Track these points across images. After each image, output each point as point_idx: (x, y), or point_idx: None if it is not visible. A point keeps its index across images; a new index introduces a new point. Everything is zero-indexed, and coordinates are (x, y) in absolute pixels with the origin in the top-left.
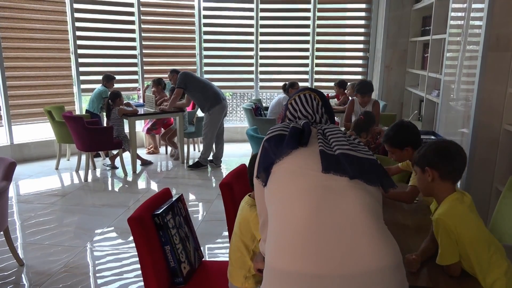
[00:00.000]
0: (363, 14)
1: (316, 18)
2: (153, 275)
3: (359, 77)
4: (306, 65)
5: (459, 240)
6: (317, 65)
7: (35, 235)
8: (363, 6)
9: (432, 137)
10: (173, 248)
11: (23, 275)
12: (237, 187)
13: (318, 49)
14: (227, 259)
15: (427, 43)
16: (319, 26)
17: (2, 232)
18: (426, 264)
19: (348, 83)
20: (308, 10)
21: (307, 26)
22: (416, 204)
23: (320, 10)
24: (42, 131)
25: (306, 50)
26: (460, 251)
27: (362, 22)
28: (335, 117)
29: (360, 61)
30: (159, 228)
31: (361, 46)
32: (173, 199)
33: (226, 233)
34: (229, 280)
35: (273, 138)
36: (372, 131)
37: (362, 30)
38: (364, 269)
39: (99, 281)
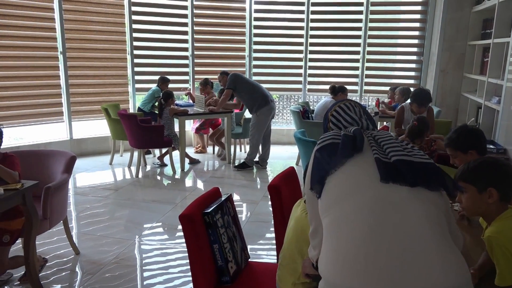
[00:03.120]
0: (418, 16)
1: (368, 20)
2: (201, 272)
3: (411, 81)
4: (356, 68)
5: None
6: (368, 68)
7: (89, 226)
8: (418, 8)
9: (491, 146)
10: (221, 247)
11: (78, 263)
12: (285, 190)
13: (369, 52)
14: (270, 260)
15: (488, 46)
16: (371, 28)
17: (61, 221)
18: (484, 280)
19: (397, 88)
20: (360, 12)
21: (359, 28)
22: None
23: (373, 12)
24: (98, 127)
25: (357, 53)
26: None
27: (417, 24)
28: (385, 122)
29: (413, 65)
30: (208, 227)
31: (415, 49)
32: (222, 198)
33: (270, 235)
34: (277, 284)
35: (325, 147)
36: (426, 137)
37: (416, 33)
38: None
39: (145, 274)
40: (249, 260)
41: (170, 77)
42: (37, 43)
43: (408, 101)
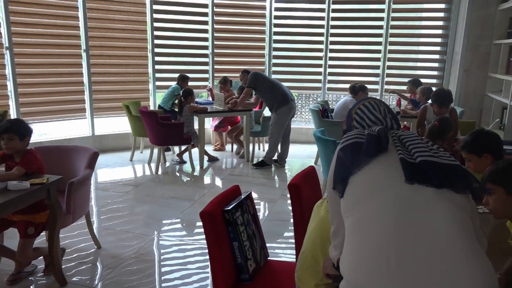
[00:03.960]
0: (441, 14)
1: (390, 19)
2: (220, 269)
3: (433, 80)
4: (377, 67)
5: None
6: (389, 67)
7: (109, 221)
8: (442, 6)
9: None
10: (240, 245)
11: (99, 258)
12: (305, 189)
13: (391, 51)
14: (288, 259)
15: None
16: (393, 27)
17: (83, 216)
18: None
19: (418, 87)
20: (382, 10)
21: (380, 27)
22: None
23: (395, 10)
24: (119, 124)
25: (378, 52)
26: None
27: (440, 23)
28: (405, 122)
29: (435, 64)
30: (228, 224)
31: (437, 48)
32: (242, 196)
33: (288, 234)
34: (296, 285)
35: (348, 146)
36: (448, 138)
37: (439, 31)
38: None
39: (163, 269)
40: (268, 258)
41: (190, 75)
42: (62, 41)
43: (430, 101)
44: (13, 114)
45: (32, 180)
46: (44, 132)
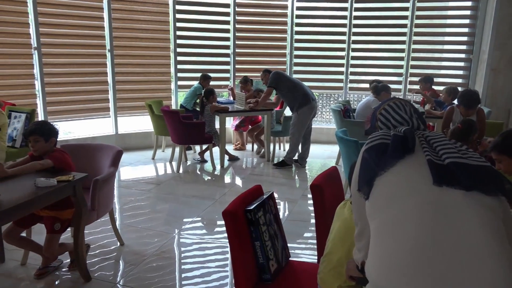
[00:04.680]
0: (467, 12)
1: (414, 17)
2: (242, 269)
3: (459, 80)
4: (400, 66)
5: None
6: (413, 66)
7: (132, 218)
8: (468, 4)
9: None
10: (262, 245)
11: (122, 254)
12: (327, 189)
13: (415, 50)
14: (308, 260)
15: None
16: (417, 25)
17: (107, 213)
18: None
19: (444, 87)
20: (406, 9)
21: (404, 25)
22: None
23: (420, 8)
24: (142, 123)
25: (401, 51)
26: None
27: (467, 21)
28: (430, 123)
29: (461, 63)
30: (250, 224)
31: (463, 47)
32: (264, 196)
33: (308, 234)
34: (319, 286)
35: (373, 148)
36: (472, 140)
37: (465, 30)
38: None
39: (184, 267)
40: (289, 259)
41: (211, 75)
42: (87, 42)
43: (456, 102)
44: (40, 113)
45: (59, 178)
46: (69, 130)
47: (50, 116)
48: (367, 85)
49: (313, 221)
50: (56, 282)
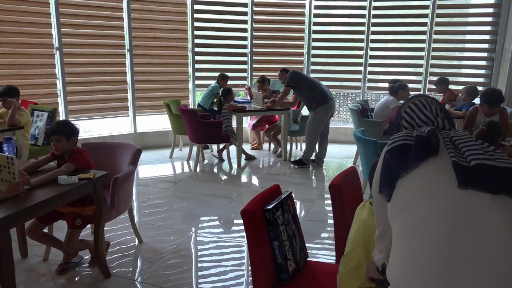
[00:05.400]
0: (490, 10)
1: (435, 15)
2: (260, 268)
3: (480, 79)
4: (419, 65)
5: None
6: (433, 66)
7: (149, 216)
8: (491, 1)
9: None
10: (281, 244)
11: (140, 252)
12: (346, 190)
13: (435, 49)
14: (325, 260)
15: None
16: (438, 24)
17: (126, 211)
18: None
19: (463, 87)
20: (426, 7)
21: (424, 24)
22: None
23: (440, 6)
24: (159, 122)
25: (421, 49)
26: None
27: (489, 19)
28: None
29: (483, 62)
30: (268, 223)
31: (485, 45)
32: (283, 196)
33: (325, 235)
34: (338, 287)
35: (396, 148)
36: (496, 142)
37: (488, 28)
38: None
39: (200, 265)
40: (307, 259)
41: (229, 74)
42: (107, 41)
43: (477, 101)
44: (61, 112)
45: (80, 175)
46: (88, 129)
47: (70, 115)
48: (385, 85)
49: (330, 221)
50: (77, 278)
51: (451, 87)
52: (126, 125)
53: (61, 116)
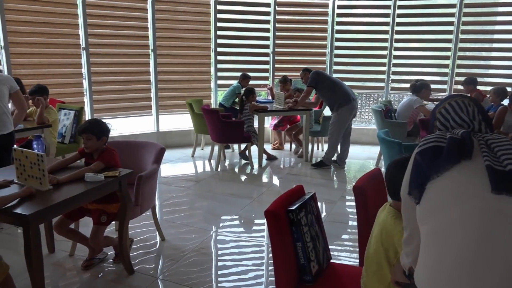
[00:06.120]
0: None
1: (462, 14)
2: (283, 269)
3: (508, 80)
4: (445, 65)
5: None
6: (459, 66)
7: (171, 214)
8: None
9: None
10: (304, 245)
11: (162, 249)
12: (370, 191)
13: (461, 49)
14: (347, 262)
15: None
16: (465, 23)
17: (150, 209)
18: None
19: (491, 88)
20: (453, 6)
21: (451, 23)
22: None
23: (467, 5)
24: (182, 121)
25: (447, 49)
26: None
27: None
28: None
29: (511, 63)
30: (292, 224)
31: None
32: (306, 196)
33: (346, 236)
34: None
35: (427, 150)
36: None
37: None
38: None
39: (220, 263)
40: (330, 261)
41: (251, 74)
42: (131, 42)
43: (506, 102)
44: (87, 111)
45: (106, 173)
46: (112, 127)
47: (96, 113)
48: (408, 85)
49: (351, 223)
50: (101, 274)
51: (478, 87)
52: (149, 124)
53: (87, 115)
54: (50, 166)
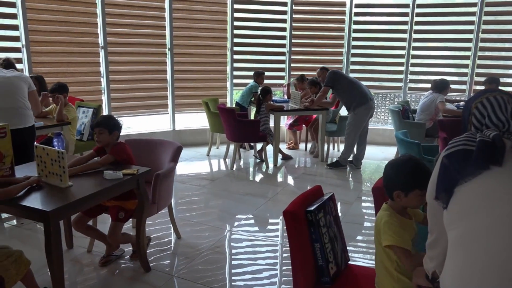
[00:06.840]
0: None
1: (483, 13)
2: (301, 270)
3: None
4: (465, 65)
5: None
6: (479, 66)
7: (186, 212)
8: None
9: None
10: (322, 247)
11: (178, 247)
12: None
13: (482, 48)
14: (363, 264)
15: None
16: (486, 22)
17: (166, 207)
18: None
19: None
20: (474, 5)
21: (471, 22)
22: None
23: (488, 4)
24: (197, 120)
25: (467, 49)
26: None
27: None
28: None
29: None
30: (310, 225)
31: None
32: (325, 197)
33: (361, 238)
34: None
35: (455, 153)
36: None
37: None
38: None
39: (235, 262)
40: (348, 262)
41: (267, 73)
42: (149, 40)
43: None
44: (105, 109)
45: (124, 171)
46: (128, 125)
47: (113, 111)
48: (427, 85)
49: (367, 224)
50: (118, 271)
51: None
52: (165, 123)
53: (105, 113)
54: (67, 164)
